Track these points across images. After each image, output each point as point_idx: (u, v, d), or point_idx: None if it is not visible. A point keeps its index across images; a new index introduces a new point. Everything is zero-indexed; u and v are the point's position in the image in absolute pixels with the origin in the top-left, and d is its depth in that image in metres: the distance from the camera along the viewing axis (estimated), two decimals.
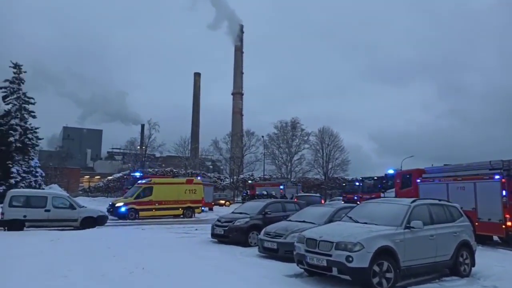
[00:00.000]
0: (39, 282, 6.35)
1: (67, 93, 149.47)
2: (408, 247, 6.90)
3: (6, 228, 14.60)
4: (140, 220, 21.55)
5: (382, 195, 22.49)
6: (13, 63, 29.55)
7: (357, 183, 32.21)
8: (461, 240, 7.96)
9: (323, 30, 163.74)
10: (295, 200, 19.80)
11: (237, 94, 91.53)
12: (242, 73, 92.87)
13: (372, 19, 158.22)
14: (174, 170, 55.21)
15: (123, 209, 22.12)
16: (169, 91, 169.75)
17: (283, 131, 61.18)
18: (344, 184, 36.92)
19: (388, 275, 6.49)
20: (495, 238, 13.63)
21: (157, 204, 23.22)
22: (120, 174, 58.73)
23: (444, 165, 16.57)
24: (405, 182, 18.04)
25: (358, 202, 17.47)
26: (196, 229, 16.22)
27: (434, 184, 15.03)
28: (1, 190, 23.22)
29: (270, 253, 9.36)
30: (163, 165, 62.94)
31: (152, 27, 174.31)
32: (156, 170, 56.23)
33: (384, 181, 24.28)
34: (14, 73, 29.49)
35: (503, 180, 12.28)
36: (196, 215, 24.85)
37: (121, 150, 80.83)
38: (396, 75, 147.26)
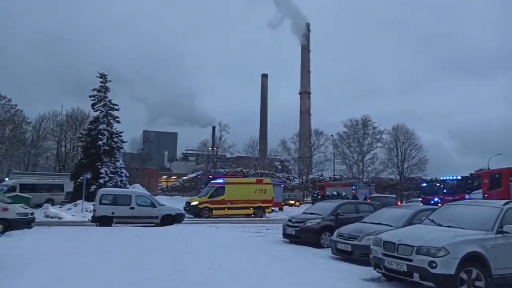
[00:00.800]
0: (127, 275, 6.91)
1: (143, 99, 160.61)
2: (501, 254, 6.23)
3: (97, 223, 16.16)
4: (213, 219, 22.38)
5: (467, 196, 20.65)
6: (99, 73, 32.62)
7: (437, 184, 29.93)
8: None
9: (393, 22, 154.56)
10: (369, 201, 19.01)
11: (305, 93, 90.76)
12: (309, 72, 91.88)
13: (447, 7, 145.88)
14: (244, 170, 56.44)
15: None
16: (238, 93, 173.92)
17: (353, 130, 59.10)
18: (423, 185, 34.50)
19: (478, 283, 5.93)
20: None
21: (229, 203, 23.94)
22: (194, 174, 61.61)
23: None
24: (494, 182, 16.41)
25: (440, 204, 16.22)
26: (267, 229, 16.39)
27: None
28: (92, 189, 25.72)
29: (344, 256, 9.11)
30: (233, 165, 64.78)
31: (219, 32, 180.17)
32: (227, 170, 58.12)
33: (469, 182, 22.25)
34: (101, 82, 32.51)
35: None
36: (267, 214, 25.12)
37: (195, 152, 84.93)
38: (477, 67, 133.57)
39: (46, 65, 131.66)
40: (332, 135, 57.78)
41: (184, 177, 68.22)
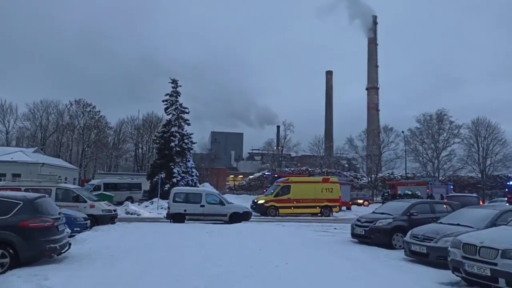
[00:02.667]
0: (202, 269, 7.30)
1: (209, 100, 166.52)
2: None
3: (171, 220, 17.18)
4: (280, 217, 22.53)
5: None
6: (171, 79, 34.66)
7: None
8: None
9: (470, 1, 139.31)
10: (446, 200, 17.70)
11: (372, 88, 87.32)
12: (377, 66, 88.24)
13: None
14: (310, 169, 55.94)
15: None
16: (302, 92, 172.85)
17: (427, 125, 55.31)
18: (509, 183, 31.24)
19: None
20: None
21: (295, 202, 23.92)
22: (260, 173, 62.52)
23: None
24: None
25: None
26: (335, 228, 16.09)
27: None
28: (166, 188, 27.42)
29: (418, 258, 8.63)
30: (298, 164, 64.52)
31: (283, 31, 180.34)
32: (292, 169, 58.06)
33: None
34: (172, 87, 34.51)
35: None
36: (334, 214, 24.66)
37: (260, 151, 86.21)
38: None
39: (119, 72, 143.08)
40: (403, 131, 54.82)
41: (250, 176, 69.59)
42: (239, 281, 6.38)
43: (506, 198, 28.62)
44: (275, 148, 65.58)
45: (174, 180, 30.19)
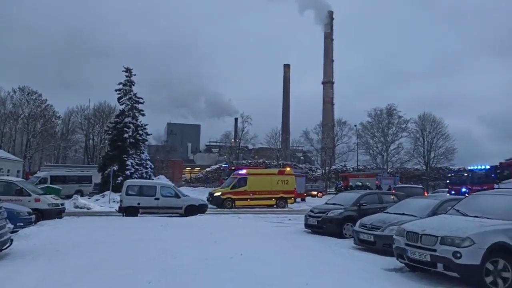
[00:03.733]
0: (155, 262, 7.18)
1: (164, 91, 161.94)
2: None
3: (124, 214, 16.68)
4: (236, 209, 22.66)
5: (496, 186, 20.02)
6: (125, 68, 33.33)
7: (465, 174, 29.12)
8: None
9: None
10: (393, 191, 18.69)
11: (328, 83, 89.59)
12: (333, 61, 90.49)
13: None
14: (266, 162, 56.64)
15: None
16: (260, 84, 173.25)
17: (377, 119, 58.05)
18: (449, 175, 33.60)
19: (504, 274, 5.80)
20: None
21: (251, 194, 24.15)
22: (217, 166, 62.33)
23: None
24: None
25: (467, 195, 15.81)
26: (289, 219, 16.46)
27: None
28: (119, 181, 26.52)
29: (366, 246, 9.08)
30: (255, 156, 65.08)
31: (237, 20, 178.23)
32: (249, 161, 58.46)
33: (498, 171, 21.54)
34: (126, 76, 33.25)
35: None
36: (289, 205, 25.21)
37: (217, 143, 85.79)
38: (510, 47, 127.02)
39: (70, 59, 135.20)
40: (355, 125, 57.08)
41: (207, 169, 69.14)
42: (193, 273, 6.36)
43: (447, 189, 30.76)
44: (232, 140, 65.56)
45: (128, 172, 29.30)
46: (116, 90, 33.28)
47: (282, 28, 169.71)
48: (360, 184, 31.62)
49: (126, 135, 31.10)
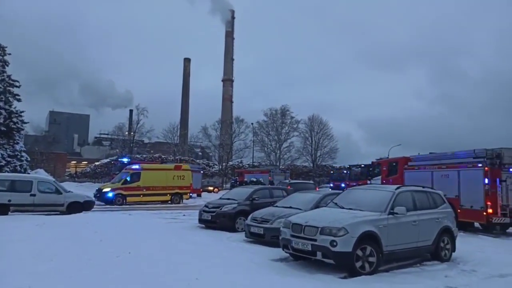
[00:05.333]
0: (26, 266, 6.34)
1: (49, 75, 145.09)
2: (391, 232, 7.04)
3: None
4: (127, 206, 21.48)
5: (368, 182, 22.80)
6: None
7: (344, 171, 32.56)
8: (442, 226, 8.15)
9: (314, 7, 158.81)
10: (288, 187, 19.74)
11: (227, 80, 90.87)
12: (233, 59, 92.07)
13: None
14: (163, 157, 54.95)
15: (110, 194, 22.01)
16: (158, 76, 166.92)
17: (272, 119, 61.25)
18: (332, 172, 37.23)
19: (371, 259, 6.64)
20: (476, 225, 13.98)
21: (144, 190, 23.15)
22: (108, 160, 58.24)
23: (430, 153, 16.83)
24: (391, 170, 18.30)
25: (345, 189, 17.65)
26: (184, 215, 16.26)
27: (420, 171, 15.29)
28: None
29: (256, 238, 9.47)
30: (151, 151, 62.58)
31: (136, 5, 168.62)
32: (144, 156, 55.94)
33: (371, 169, 24.56)
34: None
35: (486, 168, 12.54)
36: (184, 201, 24.87)
37: (109, 136, 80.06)
38: (388, 60, 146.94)
39: None
40: (252, 123, 59.13)
41: (96, 163, 64.19)
42: (72, 276, 5.80)
43: (331, 184, 33.96)
44: (126, 133, 61.90)
45: None
46: None
47: (184, 21, 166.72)
48: (254, 179, 32.85)
49: None
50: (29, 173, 25.86)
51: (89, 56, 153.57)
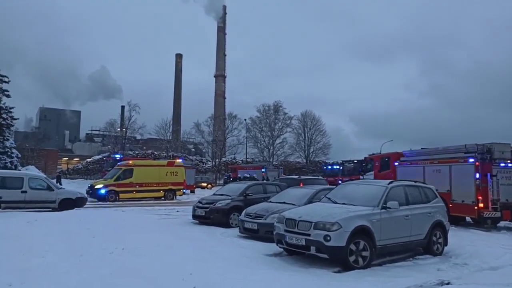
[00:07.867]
0: (17, 262, 6.27)
1: (41, 71, 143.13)
2: (384, 226, 7.09)
3: None
4: (120, 202, 21.36)
5: (361, 177, 22.91)
6: None
7: (337, 167, 32.67)
8: (435, 220, 8.23)
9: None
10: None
11: (220, 76, 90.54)
12: (225, 55, 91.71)
13: None
14: (156, 153, 54.66)
15: (102, 191, 21.86)
16: (150, 72, 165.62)
17: (265, 115, 61.16)
18: (325, 168, 37.33)
19: (364, 253, 6.68)
20: (468, 219, 14.15)
21: (137, 186, 23.03)
22: (100, 156, 57.75)
23: (422, 148, 16.95)
24: (383, 165, 18.44)
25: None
26: (177, 211, 16.21)
27: (411, 166, 15.40)
28: None
29: (250, 234, 9.47)
30: (144, 147, 62.21)
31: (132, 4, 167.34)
32: (136, 152, 55.56)
33: (363, 164, 24.70)
34: None
35: (477, 163, 12.66)
36: (178, 197, 24.80)
37: (101, 132, 79.41)
38: (378, 51, 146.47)
39: None
40: (245, 119, 59.08)
41: (88, 159, 63.68)
42: (64, 272, 5.74)
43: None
44: (118, 129, 61.36)
45: None
46: None
47: (175, 16, 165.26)
48: (247, 175, 32.82)
49: None
50: (19, 170, 25.57)
51: (75, 49, 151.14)
